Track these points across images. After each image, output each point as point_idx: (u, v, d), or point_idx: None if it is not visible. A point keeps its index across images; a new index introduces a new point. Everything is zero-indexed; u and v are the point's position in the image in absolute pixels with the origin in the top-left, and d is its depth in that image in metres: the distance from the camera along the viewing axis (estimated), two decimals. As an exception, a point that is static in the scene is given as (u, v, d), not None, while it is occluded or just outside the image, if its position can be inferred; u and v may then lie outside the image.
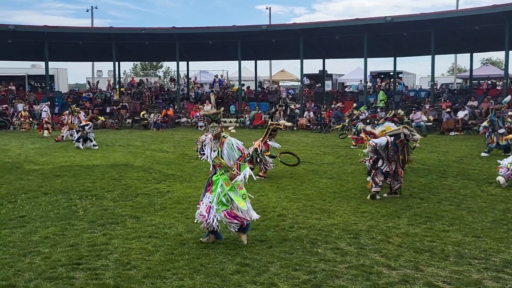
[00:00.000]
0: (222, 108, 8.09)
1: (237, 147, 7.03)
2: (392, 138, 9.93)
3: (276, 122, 13.70)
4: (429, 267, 6.11)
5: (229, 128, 16.10)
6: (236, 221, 6.92)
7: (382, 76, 37.58)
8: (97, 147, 18.21)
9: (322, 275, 5.85)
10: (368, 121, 23.80)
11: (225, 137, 7.12)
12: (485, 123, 16.29)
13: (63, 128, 21.58)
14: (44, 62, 30.91)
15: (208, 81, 41.79)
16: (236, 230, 6.97)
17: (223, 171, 7.05)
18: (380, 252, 6.65)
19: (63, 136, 20.77)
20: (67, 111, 22.24)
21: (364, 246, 6.93)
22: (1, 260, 6.29)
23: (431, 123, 24.82)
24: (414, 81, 47.91)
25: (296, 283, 5.62)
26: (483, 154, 15.63)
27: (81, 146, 18.12)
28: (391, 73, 35.19)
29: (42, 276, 5.76)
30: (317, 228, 7.82)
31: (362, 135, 14.48)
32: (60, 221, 8.20)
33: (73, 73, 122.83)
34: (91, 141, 18.47)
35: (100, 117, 22.33)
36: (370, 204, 9.47)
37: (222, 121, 7.40)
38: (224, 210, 6.91)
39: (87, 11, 51.67)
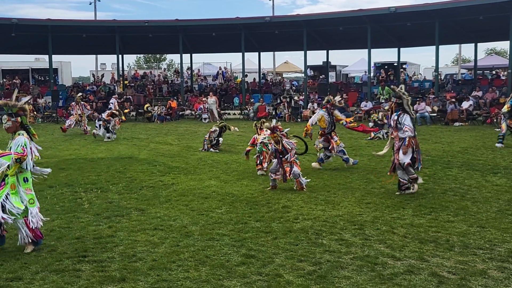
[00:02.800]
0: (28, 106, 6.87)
1: (22, 146, 6.28)
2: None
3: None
4: (434, 258, 6.11)
5: (232, 129, 16.09)
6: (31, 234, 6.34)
7: (386, 67, 37.42)
8: (110, 140, 18.40)
9: (327, 266, 5.86)
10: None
11: (20, 134, 6.41)
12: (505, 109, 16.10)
13: (70, 118, 21.73)
14: (47, 56, 30.93)
15: (212, 73, 41.74)
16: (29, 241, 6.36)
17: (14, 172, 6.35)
18: (385, 243, 6.66)
19: (70, 125, 20.92)
20: (73, 103, 22.47)
21: (369, 237, 6.93)
22: (8, 253, 6.33)
23: (435, 114, 24.75)
24: (418, 71, 47.70)
25: (301, 274, 5.63)
26: (497, 145, 15.51)
27: (111, 137, 18.69)
28: (395, 64, 35.05)
29: (49, 268, 5.80)
30: (322, 220, 7.83)
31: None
32: (66, 214, 8.24)
33: (77, 66, 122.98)
34: (109, 132, 18.82)
35: (122, 116, 22.26)
36: (374, 195, 9.47)
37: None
38: (25, 217, 6.35)
39: (90, 4, 51.33)
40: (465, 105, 24.56)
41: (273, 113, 27.89)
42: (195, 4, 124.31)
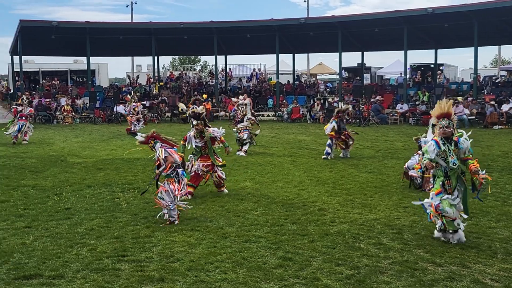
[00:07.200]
0: None
1: None
2: None
3: None
4: (476, 264, 5.97)
5: (256, 132, 15.96)
6: None
7: (422, 68, 36.83)
8: None
9: (365, 271, 5.79)
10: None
11: None
12: None
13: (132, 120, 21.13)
14: (85, 57, 31.54)
15: (246, 75, 41.85)
16: None
17: None
18: (425, 248, 6.54)
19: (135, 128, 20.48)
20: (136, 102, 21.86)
21: (407, 242, 6.82)
22: (50, 251, 6.46)
23: (473, 117, 24.24)
24: (455, 73, 46.83)
25: (340, 278, 5.58)
26: None
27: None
28: (432, 66, 34.48)
29: (89, 267, 5.89)
30: (359, 223, 7.74)
31: None
32: (104, 213, 8.36)
33: (113, 68, 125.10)
34: None
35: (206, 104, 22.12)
36: (412, 199, 9.25)
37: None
38: None
39: (127, 6, 52.07)
40: (505, 107, 23.96)
41: (307, 115, 27.79)
42: (229, 6, 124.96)
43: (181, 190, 7.87)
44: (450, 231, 6.70)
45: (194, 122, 10.20)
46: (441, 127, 6.77)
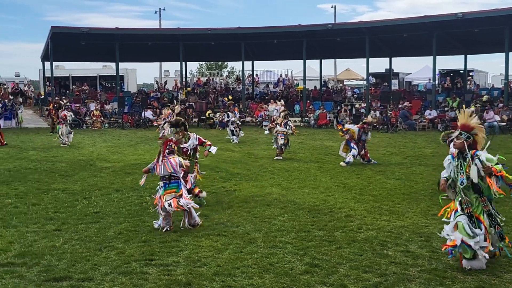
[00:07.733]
0: None
1: None
2: None
3: None
4: (507, 273, 5.86)
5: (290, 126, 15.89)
6: None
7: (451, 74, 36.31)
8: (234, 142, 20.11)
9: (393, 278, 5.73)
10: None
11: None
12: None
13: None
14: (114, 63, 31.99)
15: (273, 80, 41.88)
16: None
17: None
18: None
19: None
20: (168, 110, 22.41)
21: (436, 250, 6.73)
22: (79, 253, 6.57)
23: (504, 123, 23.81)
24: (486, 79, 46.03)
25: (367, 286, 5.53)
26: None
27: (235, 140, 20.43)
28: (461, 71, 33.99)
29: (117, 270, 5.97)
30: (387, 230, 7.67)
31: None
32: (132, 217, 8.47)
33: (142, 73, 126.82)
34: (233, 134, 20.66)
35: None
36: (441, 206, 9.15)
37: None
38: None
39: (155, 12, 52.72)
40: (537, 114, 23.48)
41: (334, 121, 27.67)
42: (256, 12, 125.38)
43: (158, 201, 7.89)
44: (467, 257, 5.96)
45: (175, 130, 9.85)
46: (453, 138, 6.34)
